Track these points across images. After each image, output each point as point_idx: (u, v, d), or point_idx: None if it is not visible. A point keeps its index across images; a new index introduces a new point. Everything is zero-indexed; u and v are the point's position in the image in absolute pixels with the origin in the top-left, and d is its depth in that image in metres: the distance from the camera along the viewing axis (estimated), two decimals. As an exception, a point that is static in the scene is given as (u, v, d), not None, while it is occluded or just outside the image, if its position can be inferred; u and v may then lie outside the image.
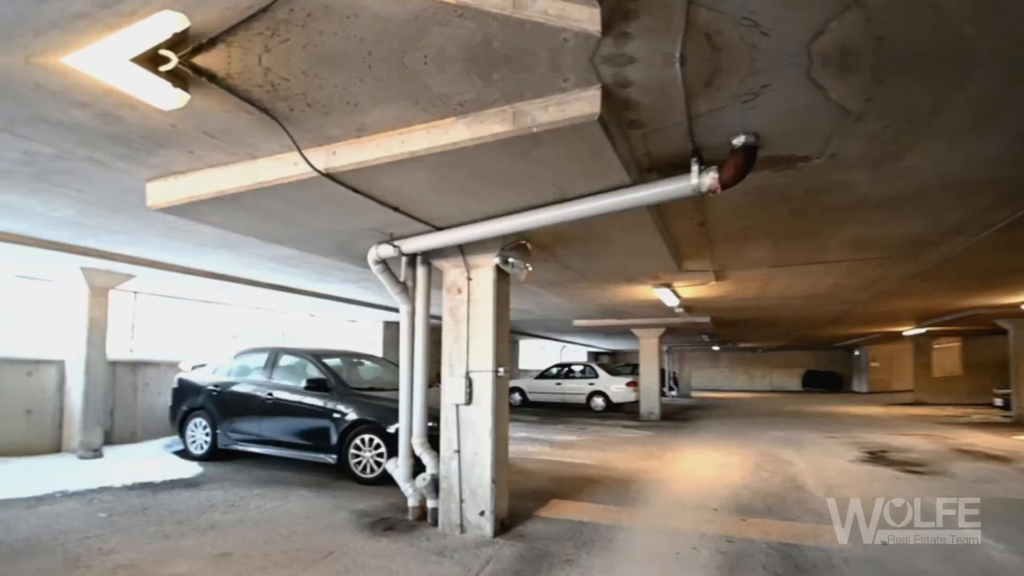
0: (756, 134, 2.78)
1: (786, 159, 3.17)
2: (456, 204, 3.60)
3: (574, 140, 2.58)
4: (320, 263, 6.25)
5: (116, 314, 7.96)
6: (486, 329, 4.20)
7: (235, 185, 3.25)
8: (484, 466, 4.03)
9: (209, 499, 4.98)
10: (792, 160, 3.19)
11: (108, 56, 2.04)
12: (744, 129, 2.74)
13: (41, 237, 5.31)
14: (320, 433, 6.12)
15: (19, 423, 6.76)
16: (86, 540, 3.78)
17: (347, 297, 9.39)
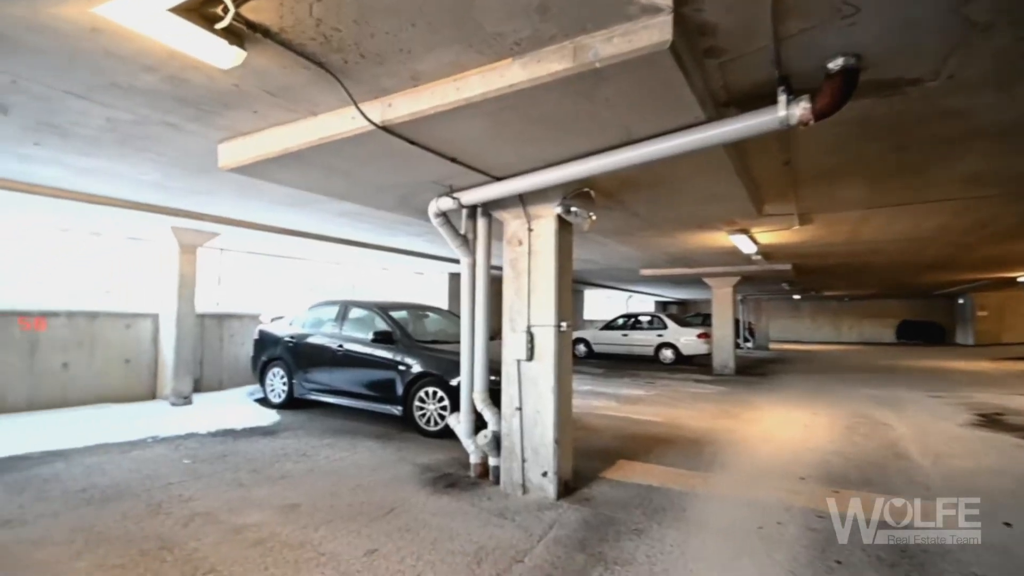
0: (857, 55, 2.34)
1: (892, 83, 2.66)
2: (515, 152, 3.28)
3: (642, 74, 2.27)
4: (386, 217, 6.21)
5: (204, 270, 8.45)
6: (548, 282, 3.91)
7: (298, 142, 3.21)
8: (546, 425, 3.84)
9: (283, 448, 5.18)
10: (899, 84, 2.67)
11: (151, 6, 1.97)
12: (843, 50, 2.31)
13: (134, 200, 5.62)
14: (386, 385, 6.20)
15: (119, 372, 7.37)
16: (169, 487, 4.00)
17: (413, 250, 9.38)
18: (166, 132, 3.45)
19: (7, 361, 6.33)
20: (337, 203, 5.46)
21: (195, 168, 4.28)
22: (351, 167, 3.63)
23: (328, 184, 4.10)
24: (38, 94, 2.84)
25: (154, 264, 7.99)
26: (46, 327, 6.70)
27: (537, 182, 3.51)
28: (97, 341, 7.19)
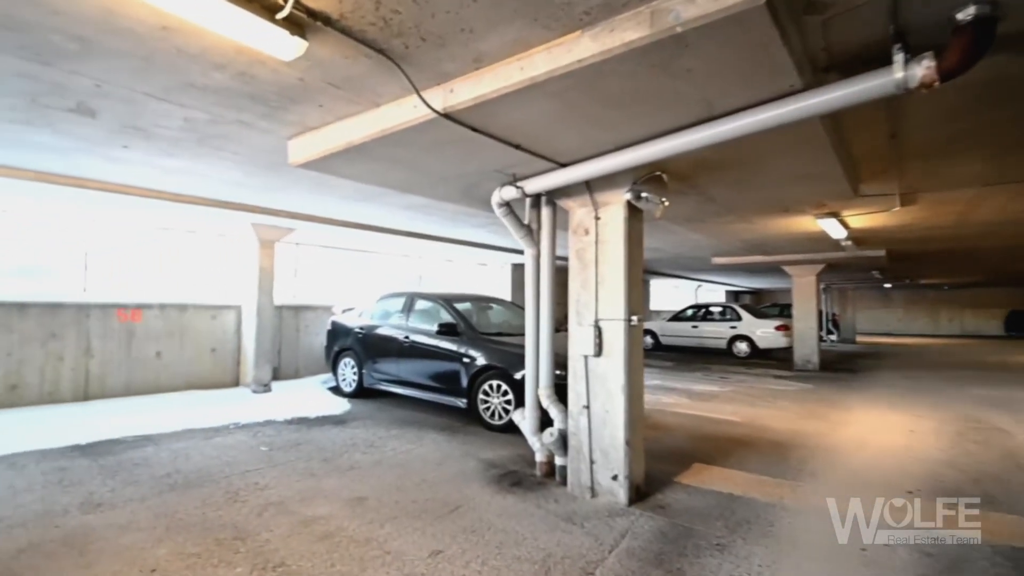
0: (994, 2, 1.95)
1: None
2: (582, 136, 3.08)
3: (731, 36, 2.00)
4: (450, 209, 6.19)
5: (281, 264, 8.85)
6: (617, 273, 3.67)
7: (362, 135, 3.17)
8: (616, 425, 3.62)
9: (352, 438, 5.28)
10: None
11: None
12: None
13: (217, 198, 5.91)
14: (451, 377, 6.19)
15: (206, 360, 7.85)
16: (247, 474, 4.15)
17: (477, 241, 9.34)
18: (240, 131, 3.52)
19: (107, 350, 6.88)
20: (402, 196, 5.47)
21: (269, 166, 4.38)
22: (414, 158, 3.56)
23: (392, 176, 4.06)
24: (121, 97, 2.95)
25: (237, 258, 8.43)
26: (141, 318, 7.23)
27: (605, 167, 3.27)
28: (187, 331, 7.68)
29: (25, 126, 3.44)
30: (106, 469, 4.21)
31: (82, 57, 2.44)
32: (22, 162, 4.50)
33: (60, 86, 2.78)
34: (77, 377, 6.62)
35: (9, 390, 6.09)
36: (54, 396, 6.41)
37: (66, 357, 6.53)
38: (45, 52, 2.37)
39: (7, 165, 4.57)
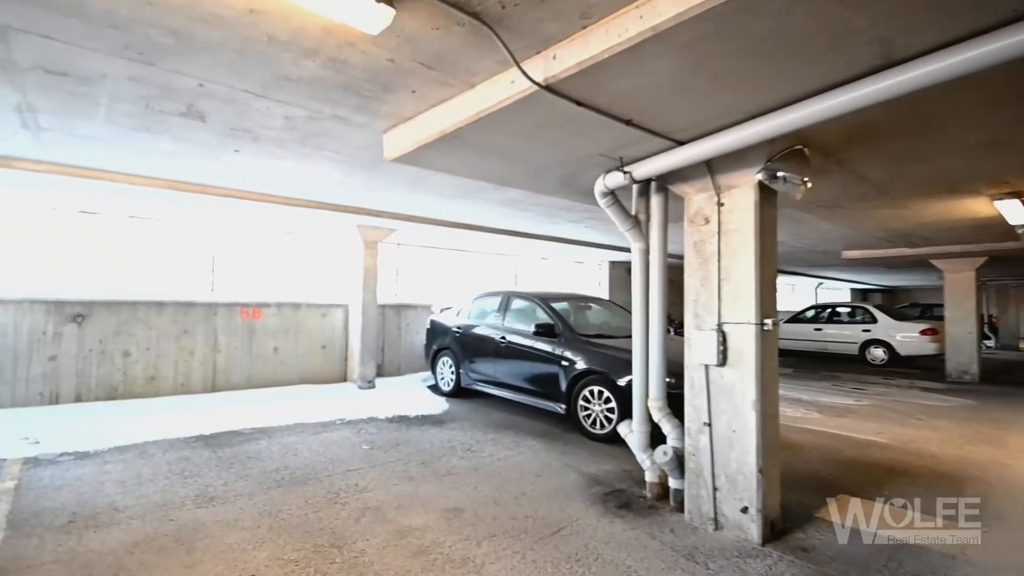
0: None
1: None
2: (709, 102, 2.60)
3: None
4: (546, 204, 5.89)
5: (384, 264, 9.11)
6: (745, 268, 3.13)
7: (455, 120, 2.93)
8: (746, 449, 3.08)
9: (450, 440, 5.14)
10: None
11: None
12: None
13: (324, 200, 6.10)
14: (549, 380, 5.88)
15: (317, 356, 8.23)
16: (348, 473, 4.12)
17: (573, 238, 8.97)
18: (337, 127, 3.46)
19: (232, 345, 7.41)
20: (498, 191, 5.27)
21: (367, 164, 4.34)
22: (510, 145, 3.28)
23: (487, 167, 3.82)
24: (224, 97, 2.97)
25: (344, 259, 8.78)
26: (261, 316, 7.72)
27: (735, 141, 2.75)
28: (300, 329, 8.11)
29: (146, 133, 3.64)
30: (223, 461, 4.40)
31: (180, 53, 2.43)
32: (154, 171, 4.87)
33: (167, 88, 2.83)
34: (206, 370, 7.19)
35: (148, 381, 6.74)
36: (186, 387, 7.01)
37: (196, 352, 7.12)
38: (146, 49, 2.38)
39: (142, 175, 4.98)
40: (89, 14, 2.09)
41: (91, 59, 2.49)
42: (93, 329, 6.39)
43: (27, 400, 5.95)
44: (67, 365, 6.20)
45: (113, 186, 5.18)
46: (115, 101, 3.06)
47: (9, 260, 6.35)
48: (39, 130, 3.64)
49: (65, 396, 6.18)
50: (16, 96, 2.99)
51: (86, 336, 6.34)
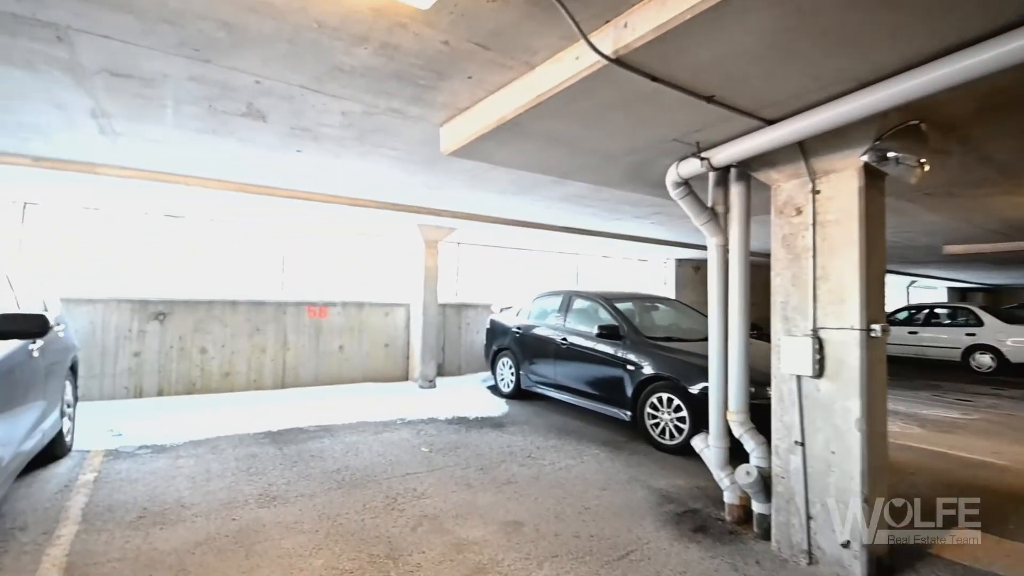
0: None
1: None
2: (809, 69, 2.22)
3: None
4: (610, 199, 5.58)
5: (444, 263, 9.10)
6: (847, 264, 2.72)
7: (514, 106, 2.71)
8: (848, 474, 2.67)
9: (510, 445, 4.96)
10: None
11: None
12: None
13: (385, 200, 6.11)
14: (613, 385, 5.56)
15: (380, 355, 8.31)
16: (407, 477, 4.03)
17: (637, 235, 8.56)
18: (393, 122, 3.34)
19: (300, 343, 7.61)
20: (559, 186, 5.02)
21: (425, 160, 4.23)
22: (573, 132, 3.03)
23: (548, 158, 3.58)
24: (281, 94, 2.92)
25: (405, 258, 8.84)
26: (327, 315, 7.89)
27: (838, 116, 2.36)
28: (364, 327, 8.22)
29: (213, 135, 3.69)
30: (287, 459, 4.44)
31: (234, 48, 2.37)
32: (224, 174, 5.01)
33: (226, 87, 2.81)
34: (276, 367, 7.42)
35: (223, 377, 7.02)
36: (258, 383, 7.26)
37: (267, 349, 7.36)
38: (201, 45, 2.34)
39: (213, 178, 5.14)
40: (141, 9, 2.05)
41: (151, 59, 2.48)
42: (174, 327, 6.73)
43: (114, 394, 6.34)
44: (150, 361, 6.57)
45: (188, 190, 5.38)
46: (180, 103, 3.09)
47: (98, 261, 6.81)
48: (115, 135, 3.78)
49: (148, 390, 6.55)
50: (89, 101, 3.08)
51: (167, 333, 6.69)
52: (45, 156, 4.61)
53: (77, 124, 3.50)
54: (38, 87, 2.86)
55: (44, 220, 6.51)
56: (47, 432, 3.75)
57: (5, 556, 2.72)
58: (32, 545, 2.83)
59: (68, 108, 3.20)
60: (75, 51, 2.42)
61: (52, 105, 3.14)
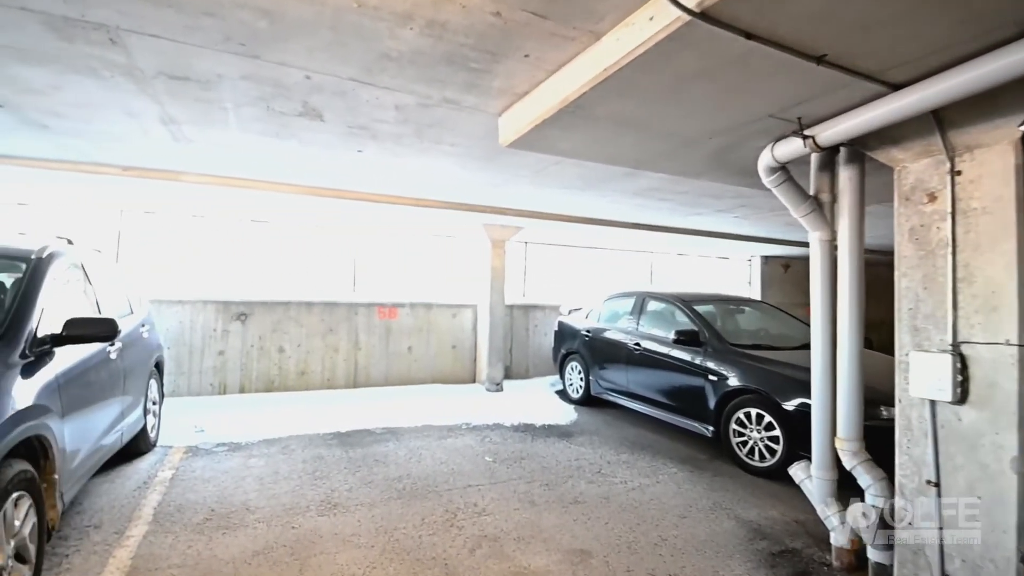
0: None
1: None
2: (962, 10, 1.71)
3: None
4: (689, 191, 5.10)
5: (511, 263, 8.92)
6: (1001, 263, 2.18)
7: (578, 85, 2.38)
8: (1000, 527, 2.13)
9: (578, 457, 4.64)
10: None
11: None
12: None
13: (449, 199, 6.02)
14: (692, 396, 5.07)
15: (448, 356, 8.25)
16: (468, 490, 3.83)
17: (718, 231, 7.90)
18: (449, 114, 3.13)
19: (371, 343, 7.70)
20: (631, 179, 4.63)
21: (486, 156, 4.01)
22: (646, 112, 2.64)
23: (618, 146, 3.20)
24: (333, 88, 2.79)
25: (471, 259, 8.74)
26: (397, 316, 7.93)
27: (992, 73, 1.84)
28: (432, 328, 8.19)
29: (276, 139, 3.67)
30: (352, 463, 4.39)
31: (278, 40, 2.24)
32: (293, 178, 5.08)
33: (278, 84, 2.72)
34: (348, 367, 7.55)
35: (299, 376, 7.22)
36: (331, 383, 7.41)
37: (340, 349, 7.50)
38: (246, 39, 2.23)
39: (285, 182, 5.23)
40: (180, 2, 1.95)
41: (202, 57, 2.42)
42: (254, 327, 7.00)
43: (200, 390, 6.69)
44: (232, 359, 6.87)
45: (263, 194, 5.52)
46: (239, 105, 3.06)
47: (188, 264, 7.23)
48: (188, 142, 3.87)
49: (231, 387, 6.85)
50: (156, 107, 3.11)
51: (248, 333, 6.97)
52: (132, 165, 4.86)
53: (150, 132, 3.59)
54: (107, 95, 2.92)
55: (140, 226, 6.99)
56: (129, 429, 3.91)
57: (76, 555, 2.79)
58: (102, 545, 2.90)
59: (139, 116, 3.27)
60: (130, 54, 2.41)
61: (124, 113, 3.22)
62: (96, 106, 3.11)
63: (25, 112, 3.27)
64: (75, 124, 3.52)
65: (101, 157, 4.53)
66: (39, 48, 2.38)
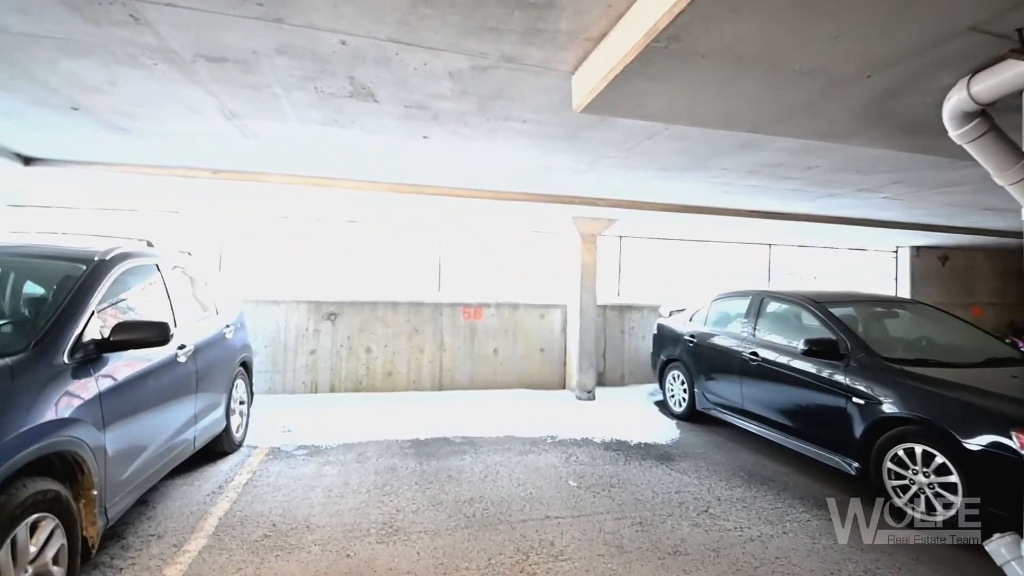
0: None
1: None
2: None
3: None
4: (821, 165, 4.14)
5: (604, 259, 8.23)
6: None
7: (667, 6, 1.72)
8: None
9: (679, 488, 3.92)
10: None
11: None
12: None
13: (531, 191, 5.58)
14: (829, 421, 4.10)
15: (536, 359, 7.76)
16: (545, 522, 3.31)
17: (856, 217, 6.61)
18: (512, 78, 2.60)
19: (455, 345, 7.42)
20: (746, 154, 3.80)
21: (562, 133, 3.42)
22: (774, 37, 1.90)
23: (729, 99, 2.45)
24: (374, 56, 2.38)
25: (560, 255, 8.17)
26: (482, 316, 7.59)
27: None
28: (519, 330, 7.75)
29: (336, 127, 3.40)
30: (424, 478, 4.05)
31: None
32: (369, 174, 4.88)
33: (316, 57, 2.37)
34: (433, 368, 7.34)
35: (386, 376, 7.13)
36: (417, 384, 7.24)
37: (425, 350, 7.31)
38: None
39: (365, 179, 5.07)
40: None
41: (225, 28, 2.13)
42: (343, 326, 7.02)
43: (294, 388, 6.81)
44: (323, 358, 6.93)
45: (343, 192, 5.41)
46: (287, 89, 2.78)
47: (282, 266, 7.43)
48: (256, 138, 3.73)
49: (322, 386, 6.91)
50: (210, 99, 2.94)
51: (338, 332, 6.99)
52: (222, 168, 4.93)
53: (217, 127, 3.48)
54: (158, 87, 2.78)
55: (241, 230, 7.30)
56: (205, 432, 3.87)
57: (131, 568, 2.66)
58: (157, 560, 2.76)
59: (199, 109, 3.13)
60: (158, 33, 2.18)
61: (184, 107, 3.09)
62: (156, 102, 3.01)
63: (99, 113, 3.28)
64: (148, 125, 3.50)
65: (193, 161, 4.62)
66: (73, 35, 2.24)
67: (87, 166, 4.68)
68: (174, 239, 6.53)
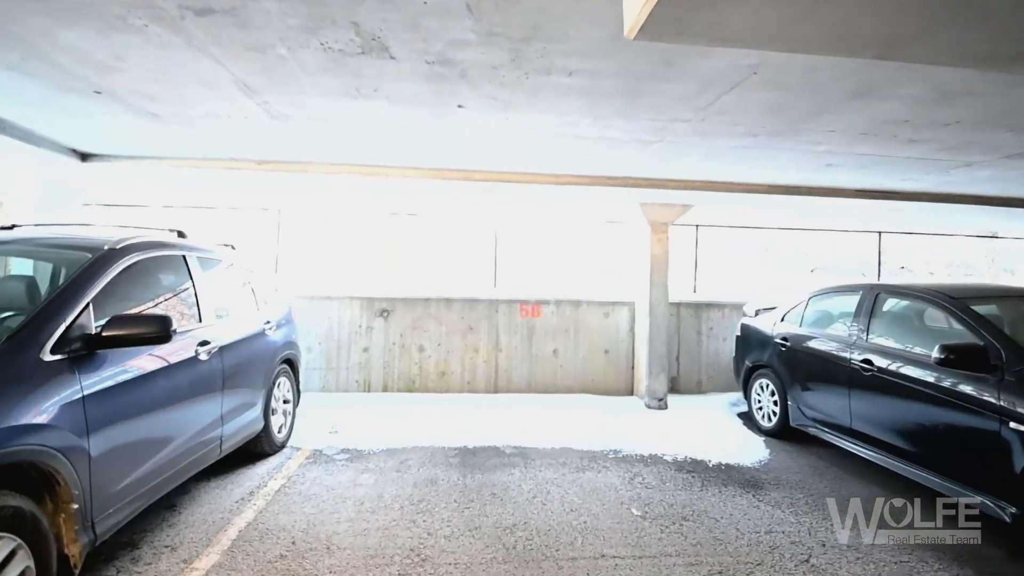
0: None
1: None
2: None
3: None
4: (964, 121, 3.20)
5: (678, 252, 7.45)
6: None
7: None
8: None
9: (770, 528, 3.19)
10: None
11: None
12: None
13: (592, 173, 5.04)
14: (974, 450, 3.21)
15: (599, 361, 7.12)
16: (600, 563, 2.75)
17: (995, 196, 5.43)
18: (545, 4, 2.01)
19: (512, 344, 6.95)
20: (856, 108, 2.99)
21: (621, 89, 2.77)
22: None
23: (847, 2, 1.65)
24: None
25: (628, 247, 7.47)
26: (540, 314, 7.07)
27: None
28: (580, 329, 7.15)
29: (360, 98, 3.01)
30: (465, 495, 3.61)
31: None
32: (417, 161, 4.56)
33: None
34: (488, 369, 6.91)
35: (440, 376, 6.79)
36: (471, 385, 6.85)
37: (480, 349, 6.89)
38: None
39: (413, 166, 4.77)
40: None
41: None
42: (395, 323, 6.75)
43: (347, 386, 6.63)
44: (376, 356, 6.70)
45: (389, 181, 5.10)
46: (291, 49, 2.40)
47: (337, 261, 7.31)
48: (285, 119, 3.45)
49: (375, 385, 6.69)
50: (222, 71, 2.65)
51: (390, 330, 6.74)
52: (266, 159, 4.77)
53: (240, 106, 3.21)
54: (161, 56, 2.50)
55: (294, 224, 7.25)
56: (236, 433, 3.64)
57: (128, 591, 2.41)
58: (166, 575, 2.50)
59: (213, 84, 2.85)
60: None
61: (197, 82, 2.82)
62: (169, 78, 2.79)
63: (122, 96, 3.10)
64: (174, 108, 3.30)
65: (235, 152, 4.48)
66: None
67: (137, 160, 4.67)
68: (234, 235, 6.54)
